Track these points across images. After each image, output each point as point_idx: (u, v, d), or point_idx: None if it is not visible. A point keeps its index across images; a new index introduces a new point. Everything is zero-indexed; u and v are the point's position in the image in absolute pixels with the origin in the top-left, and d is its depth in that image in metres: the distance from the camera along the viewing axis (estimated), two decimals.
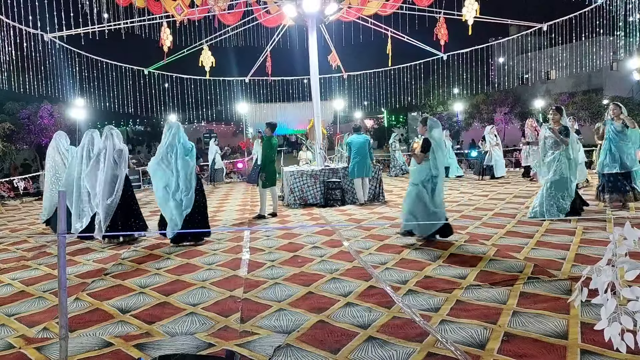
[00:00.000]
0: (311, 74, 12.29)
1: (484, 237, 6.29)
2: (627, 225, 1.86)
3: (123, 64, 15.45)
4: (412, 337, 3.26)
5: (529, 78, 36.98)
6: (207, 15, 13.63)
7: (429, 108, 36.72)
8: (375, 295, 4.19)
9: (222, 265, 5.52)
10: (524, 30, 16.42)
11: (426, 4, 13.53)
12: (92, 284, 4.97)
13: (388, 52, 15.83)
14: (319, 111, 12.57)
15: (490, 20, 14.03)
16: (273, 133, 9.39)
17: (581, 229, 6.38)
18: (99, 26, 12.44)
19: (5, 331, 3.75)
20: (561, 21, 14.07)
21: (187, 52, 15.23)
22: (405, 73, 18.05)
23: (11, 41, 11.43)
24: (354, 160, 10.21)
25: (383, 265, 5.18)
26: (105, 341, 3.45)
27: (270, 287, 4.58)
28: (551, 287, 4.13)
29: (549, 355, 2.90)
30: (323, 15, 12.40)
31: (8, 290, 4.90)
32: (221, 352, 3.19)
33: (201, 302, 4.23)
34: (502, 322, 3.42)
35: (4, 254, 6.68)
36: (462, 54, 16.20)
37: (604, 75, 33.81)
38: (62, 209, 2.93)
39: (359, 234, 6.96)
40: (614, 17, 13.19)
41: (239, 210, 10.41)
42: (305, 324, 3.59)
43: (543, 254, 5.25)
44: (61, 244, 2.88)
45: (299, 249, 6.16)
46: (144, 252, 6.46)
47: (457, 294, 4.08)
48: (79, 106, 17.41)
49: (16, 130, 20.62)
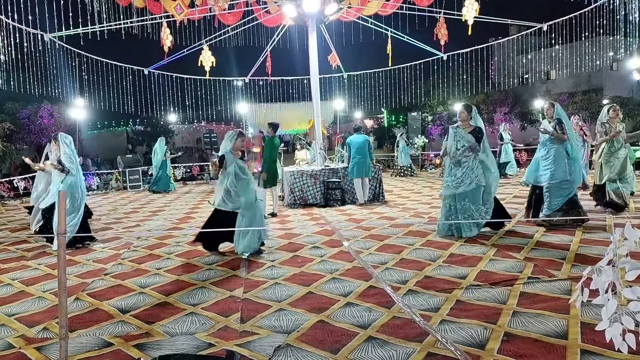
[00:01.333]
0: (311, 74, 12.29)
1: (484, 237, 6.28)
2: (628, 225, 1.86)
3: (123, 64, 15.46)
4: (412, 337, 3.26)
5: (529, 78, 36.98)
6: (207, 15, 13.62)
7: (429, 108, 36.71)
8: (375, 295, 4.19)
9: (222, 265, 5.52)
10: (524, 30, 16.42)
11: (426, 4, 13.52)
12: (92, 284, 4.97)
13: (388, 52, 15.84)
14: (319, 111, 12.57)
15: (490, 20, 14.03)
16: (275, 133, 9.37)
17: (581, 229, 6.38)
18: (99, 26, 12.44)
19: (5, 331, 3.75)
20: (561, 21, 14.06)
21: (187, 52, 15.23)
22: (405, 73, 18.05)
23: (11, 41, 11.42)
24: (353, 160, 10.21)
25: (383, 265, 5.17)
26: (105, 341, 3.45)
27: (270, 287, 4.58)
28: (551, 287, 4.13)
29: (549, 355, 2.90)
30: (323, 15, 12.40)
31: (8, 290, 4.90)
32: (221, 352, 3.19)
33: (201, 302, 4.23)
34: (502, 322, 3.42)
35: (4, 254, 6.68)
36: (462, 54, 16.20)
37: (604, 75, 33.78)
38: (62, 209, 2.93)
39: (359, 234, 6.96)
40: (614, 17, 13.19)
41: None
42: (305, 324, 3.59)
43: (543, 254, 5.25)
44: (61, 244, 2.88)
45: (299, 249, 6.16)
46: (144, 252, 6.45)
47: (457, 294, 4.08)
48: (79, 106, 17.40)
49: (16, 130, 20.60)
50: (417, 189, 13.44)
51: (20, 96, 20.16)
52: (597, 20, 13.45)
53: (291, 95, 20.71)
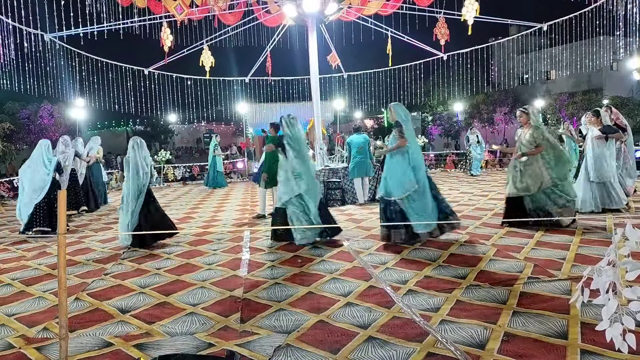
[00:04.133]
0: (311, 74, 12.29)
1: (484, 237, 6.28)
2: (629, 225, 1.86)
3: (123, 64, 15.46)
4: (412, 337, 3.25)
5: (529, 78, 36.98)
6: (207, 15, 13.63)
7: (429, 108, 36.73)
8: (375, 295, 4.19)
9: (222, 265, 5.52)
10: (524, 30, 16.44)
11: (426, 4, 13.53)
12: (92, 284, 4.97)
13: (388, 52, 15.85)
14: (319, 111, 12.57)
15: (490, 20, 14.03)
16: (277, 133, 9.35)
17: (581, 229, 6.38)
18: (99, 26, 12.45)
19: (5, 331, 3.74)
20: (561, 21, 14.07)
21: (187, 52, 15.24)
22: (405, 73, 18.06)
23: (11, 41, 11.43)
24: (354, 160, 10.20)
25: (383, 265, 5.17)
26: (105, 341, 3.45)
27: (270, 287, 4.58)
28: (551, 287, 4.13)
29: (549, 355, 2.90)
30: (323, 15, 12.39)
31: (8, 290, 4.90)
32: (221, 352, 3.19)
33: (201, 302, 4.23)
34: (502, 322, 3.42)
35: (4, 254, 6.68)
36: (462, 54, 16.21)
37: (604, 75, 33.79)
38: (62, 209, 2.93)
39: (359, 234, 6.96)
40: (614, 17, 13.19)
41: (239, 210, 10.40)
42: (305, 324, 3.59)
43: (543, 254, 5.24)
44: (61, 244, 2.88)
45: (299, 249, 6.15)
46: (144, 252, 6.45)
47: (457, 294, 4.08)
48: (79, 106, 17.42)
49: (16, 130, 20.64)
50: None
51: (20, 96, 20.20)
52: (597, 20, 13.45)
53: (291, 95, 20.72)
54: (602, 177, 7.40)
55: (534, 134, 6.62)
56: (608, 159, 7.47)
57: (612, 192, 7.43)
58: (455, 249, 5.70)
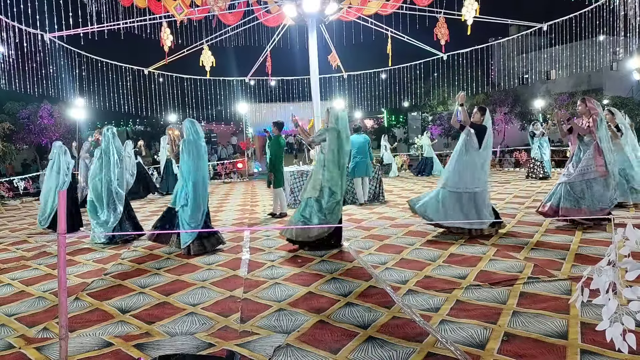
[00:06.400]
0: (311, 74, 12.29)
1: (484, 237, 6.28)
2: (629, 225, 1.86)
3: (123, 64, 15.45)
4: (412, 337, 3.25)
5: (529, 78, 36.96)
6: (207, 15, 13.62)
7: (429, 108, 36.73)
8: (375, 295, 4.19)
9: (222, 265, 5.52)
10: (524, 30, 16.43)
11: (426, 4, 13.52)
12: (92, 284, 4.97)
13: (388, 52, 15.85)
14: (319, 111, 12.56)
15: (490, 20, 14.03)
16: (280, 132, 9.31)
17: (581, 229, 6.37)
18: (99, 26, 12.44)
19: (5, 331, 3.74)
20: (561, 21, 14.07)
21: (187, 52, 15.23)
22: (405, 73, 18.05)
23: (11, 41, 11.42)
24: (354, 160, 10.20)
25: (383, 265, 5.17)
26: (105, 341, 3.45)
27: (270, 287, 4.58)
28: (551, 287, 4.13)
29: (549, 355, 2.90)
30: (323, 15, 12.40)
31: (8, 290, 4.90)
32: (221, 352, 3.19)
33: (201, 302, 4.23)
34: (502, 322, 3.42)
35: (4, 254, 6.68)
36: (462, 53, 16.21)
37: (604, 75, 33.76)
38: (62, 209, 2.93)
39: (359, 234, 6.96)
40: (614, 17, 13.18)
41: (239, 210, 10.41)
42: (305, 324, 3.59)
43: (543, 254, 5.25)
44: (61, 244, 2.88)
45: (299, 249, 6.15)
46: (144, 252, 6.45)
47: (457, 294, 4.08)
48: (79, 106, 17.41)
49: (16, 130, 20.61)
50: (417, 189, 13.44)
51: (20, 96, 20.16)
52: (597, 20, 13.45)
53: (291, 95, 20.72)
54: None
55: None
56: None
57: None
58: (455, 249, 5.70)
